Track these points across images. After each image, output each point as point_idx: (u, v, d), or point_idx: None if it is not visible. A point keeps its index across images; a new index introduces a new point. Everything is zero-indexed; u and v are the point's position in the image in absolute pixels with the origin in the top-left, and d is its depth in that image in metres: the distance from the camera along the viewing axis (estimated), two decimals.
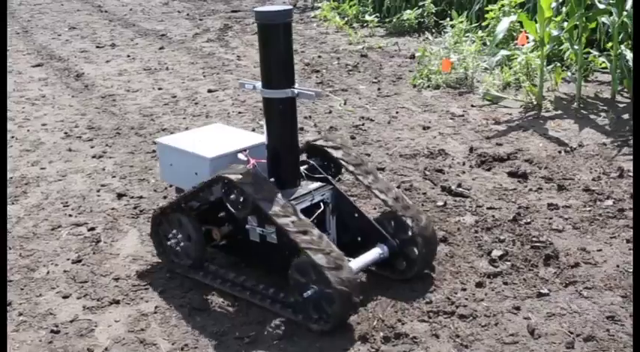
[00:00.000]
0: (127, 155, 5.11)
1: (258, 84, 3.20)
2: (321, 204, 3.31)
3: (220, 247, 3.46)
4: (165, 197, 4.33)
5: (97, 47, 9.01)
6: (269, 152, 3.26)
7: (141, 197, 4.38)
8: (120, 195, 4.40)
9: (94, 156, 5.10)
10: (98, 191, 4.50)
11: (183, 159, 3.38)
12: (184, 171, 3.38)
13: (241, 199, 3.08)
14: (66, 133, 5.64)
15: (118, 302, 3.24)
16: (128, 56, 8.40)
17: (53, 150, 5.28)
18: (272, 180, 3.19)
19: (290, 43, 3.13)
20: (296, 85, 3.14)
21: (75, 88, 7.04)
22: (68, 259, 3.64)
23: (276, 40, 3.09)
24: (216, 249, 3.48)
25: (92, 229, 3.97)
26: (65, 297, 3.29)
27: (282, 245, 3.13)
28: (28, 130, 5.73)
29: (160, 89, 6.90)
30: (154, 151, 5.13)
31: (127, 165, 4.91)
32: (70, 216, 4.16)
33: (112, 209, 4.23)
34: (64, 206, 4.29)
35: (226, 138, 3.53)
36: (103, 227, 3.99)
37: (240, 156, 3.32)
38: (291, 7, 3.20)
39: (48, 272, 3.52)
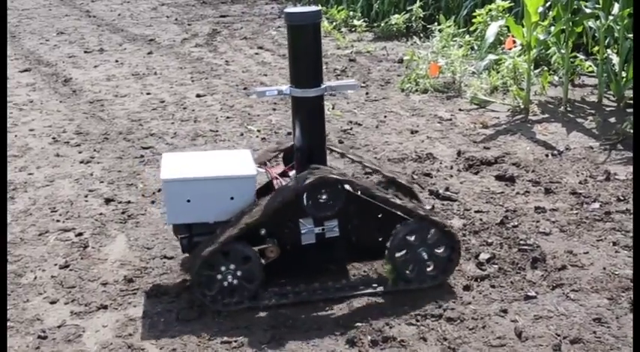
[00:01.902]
0: (115, 160, 5.10)
1: (284, 87, 3.24)
2: None
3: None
4: (153, 202, 4.32)
5: (85, 52, 8.98)
6: (303, 152, 3.29)
7: (129, 202, 4.37)
8: (108, 200, 4.39)
9: (81, 162, 5.09)
10: (86, 196, 4.49)
11: (211, 187, 3.16)
12: (212, 200, 3.16)
13: (336, 195, 3.16)
14: (54, 138, 5.62)
15: (105, 307, 3.23)
16: (116, 61, 8.38)
17: (41, 155, 5.26)
18: None
19: (320, 42, 3.25)
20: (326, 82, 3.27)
21: (63, 93, 7.02)
22: (56, 264, 3.63)
23: (308, 40, 3.18)
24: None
25: (80, 234, 3.96)
26: (53, 303, 3.28)
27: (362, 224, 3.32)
28: (16, 136, 5.71)
29: (148, 94, 6.89)
30: (142, 156, 5.13)
31: (115, 170, 4.91)
32: (58, 221, 4.15)
33: (100, 214, 4.22)
34: (52, 211, 4.28)
35: (223, 159, 3.41)
36: (91, 232, 3.99)
37: (260, 169, 3.39)
38: (319, 8, 3.28)
39: (35, 278, 3.51)
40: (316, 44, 3.22)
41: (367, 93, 6.63)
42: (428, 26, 8.64)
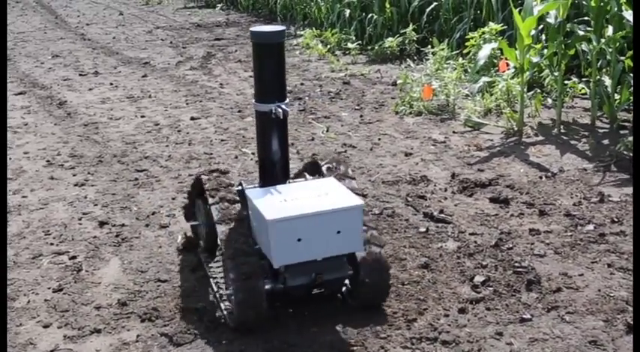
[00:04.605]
0: (109, 183, 5.09)
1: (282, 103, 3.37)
2: None
3: None
4: (147, 225, 4.31)
5: (80, 75, 9.00)
6: (270, 163, 3.44)
7: (123, 225, 4.36)
8: (102, 223, 4.38)
9: (75, 185, 5.08)
10: (80, 219, 4.48)
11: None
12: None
13: None
14: (48, 161, 5.62)
15: (99, 331, 3.21)
16: (111, 84, 8.40)
17: (35, 178, 5.25)
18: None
19: (283, 60, 3.39)
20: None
21: (57, 116, 7.03)
22: (49, 288, 3.61)
23: (272, 58, 3.32)
24: None
25: (74, 258, 3.95)
26: (46, 327, 3.26)
27: None
28: (10, 158, 5.70)
29: (142, 117, 6.90)
30: (136, 179, 5.13)
31: (109, 193, 4.90)
32: (52, 244, 4.13)
33: (94, 237, 4.21)
34: (46, 234, 4.27)
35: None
36: (85, 255, 3.97)
37: None
38: (284, 28, 3.38)
39: (28, 302, 3.49)
40: (280, 61, 3.34)
41: (361, 116, 6.64)
42: (421, 49, 8.71)
